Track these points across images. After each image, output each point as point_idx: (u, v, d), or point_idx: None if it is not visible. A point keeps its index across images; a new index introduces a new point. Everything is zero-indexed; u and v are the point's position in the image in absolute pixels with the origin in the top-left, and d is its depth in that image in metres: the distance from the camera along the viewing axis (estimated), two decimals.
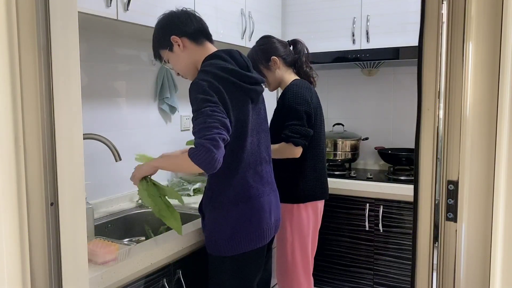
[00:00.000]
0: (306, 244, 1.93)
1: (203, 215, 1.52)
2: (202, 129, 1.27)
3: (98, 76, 1.94)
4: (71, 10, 0.92)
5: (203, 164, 1.26)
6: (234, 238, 1.45)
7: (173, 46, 1.48)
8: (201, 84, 1.33)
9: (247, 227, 1.46)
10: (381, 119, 3.01)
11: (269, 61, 1.96)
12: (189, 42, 1.48)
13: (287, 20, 2.91)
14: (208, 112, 1.28)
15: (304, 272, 1.94)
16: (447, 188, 0.91)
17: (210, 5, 2.13)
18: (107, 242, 1.33)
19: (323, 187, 2.00)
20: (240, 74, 1.43)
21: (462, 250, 0.89)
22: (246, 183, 1.47)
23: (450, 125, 0.90)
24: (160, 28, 1.50)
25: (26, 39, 0.86)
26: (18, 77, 0.85)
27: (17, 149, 0.85)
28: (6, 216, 0.84)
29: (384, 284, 2.51)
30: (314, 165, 1.95)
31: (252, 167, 1.49)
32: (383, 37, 2.62)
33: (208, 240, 1.50)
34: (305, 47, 2.04)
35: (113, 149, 1.63)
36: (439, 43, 0.90)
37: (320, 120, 1.97)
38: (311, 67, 2.05)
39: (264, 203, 1.51)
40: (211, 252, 1.50)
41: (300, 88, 1.89)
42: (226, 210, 1.45)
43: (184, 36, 1.47)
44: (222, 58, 1.44)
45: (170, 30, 1.47)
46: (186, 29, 1.47)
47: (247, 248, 1.47)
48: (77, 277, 0.96)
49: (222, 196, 1.45)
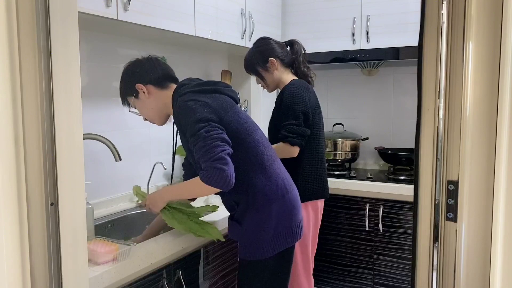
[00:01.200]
0: (307, 243, 1.93)
1: (239, 223, 1.49)
2: (205, 152, 1.32)
3: (98, 76, 1.94)
4: (71, 10, 0.92)
5: (219, 185, 1.31)
6: (277, 235, 1.47)
7: (139, 93, 1.53)
8: (187, 105, 1.40)
9: (287, 222, 1.49)
10: (381, 119, 3.01)
11: (267, 62, 1.96)
12: (153, 88, 1.53)
13: (287, 20, 2.90)
14: (203, 135, 1.34)
15: (304, 272, 1.94)
16: (447, 188, 0.91)
17: (210, 5, 2.13)
18: (107, 242, 1.33)
19: (323, 186, 2.00)
20: (209, 82, 1.51)
21: (462, 250, 0.89)
22: (278, 176, 1.50)
23: (450, 125, 0.90)
24: (125, 77, 1.56)
25: (26, 39, 0.86)
26: (18, 77, 0.85)
27: (17, 149, 0.85)
28: (6, 216, 0.84)
29: (384, 284, 2.51)
30: (313, 164, 1.95)
31: (274, 159, 1.53)
32: (383, 37, 2.62)
33: (249, 246, 1.48)
34: (302, 47, 2.04)
35: (113, 149, 1.63)
36: (439, 43, 0.90)
37: (318, 120, 1.97)
38: (308, 67, 2.05)
39: (296, 197, 1.55)
40: (251, 258, 1.48)
41: (297, 88, 1.89)
42: (268, 209, 1.45)
43: (149, 83, 1.52)
44: (187, 82, 1.51)
45: (135, 78, 1.53)
46: (151, 76, 1.53)
47: (289, 244, 1.50)
48: (77, 277, 0.96)
49: (261, 196, 1.45)
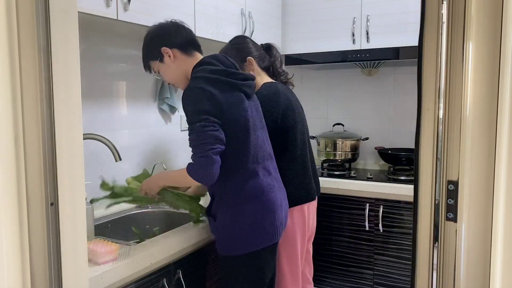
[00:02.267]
0: (294, 250, 1.83)
1: (214, 217, 1.52)
2: (196, 146, 1.37)
3: (98, 76, 1.94)
4: (71, 10, 0.92)
5: (201, 179, 1.38)
6: (250, 235, 1.46)
7: (164, 57, 1.51)
8: (193, 92, 1.40)
9: (262, 222, 1.47)
10: (381, 119, 3.01)
11: (245, 61, 1.90)
12: (179, 53, 1.52)
13: (287, 20, 2.90)
14: (199, 129, 1.36)
15: (291, 279, 1.85)
16: (447, 188, 0.91)
17: (210, 5, 2.13)
18: (107, 242, 1.33)
19: (307, 190, 1.88)
20: (229, 72, 1.48)
21: (462, 250, 0.89)
22: (258, 178, 1.49)
23: (450, 125, 0.90)
24: (150, 40, 1.54)
25: (26, 39, 0.86)
26: (18, 77, 0.85)
27: (17, 149, 0.85)
28: (6, 216, 0.84)
29: (384, 284, 2.51)
30: (293, 169, 1.84)
31: (261, 162, 1.52)
32: (383, 37, 2.62)
33: (222, 240, 1.50)
34: (279, 53, 2.02)
35: (113, 149, 1.63)
36: (439, 43, 0.90)
37: (292, 122, 1.85)
38: (284, 70, 2.01)
39: (276, 198, 1.53)
40: (225, 253, 1.50)
41: (267, 92, 1.81)
42: (240, 207, 1.46)
43: (175, 47, 1.51)
44: (209, 62, 1.49)
45: (160, 41, 1.51)
46: (176, 40, 1.51)
47: (263, 244, 1.48)
48: (77, 277, 0.96)
49: (235, 194, 1.46)
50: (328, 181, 2.56)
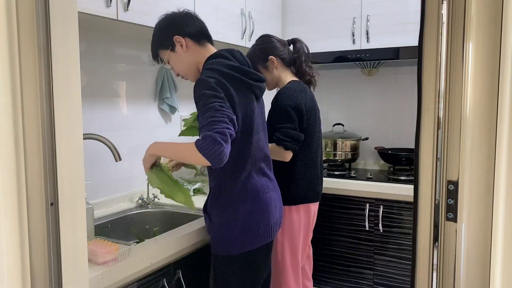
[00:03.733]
0: (296, 246, 1.90)
1: (209, 216, 1.51)
2: (211, 122, 1.24)
3: (98, 76, 1.94)
4: (71, 10, 0.92)
5: (211, 157, 1.22)
6: (244, 235, 1.45)
7: (175, 46, 1.47)
8: (208, 81, 1.33)
9: (256, 223, 1.47)
10: (381, 119, 3.01)
11: (267, 60, 1.94)
12: (191, 43, 1.48)
13: (287, 20, 2.91)
14: (216, 107, 1.27)
15: (293, 274, 1.91)
16: (447, 188, 0.91)
17: (210, 5, 2.13)
18: (107, 242, 1.33)
19: (315, 189, 1.95)
20: (244, 70, 1.45)
21: (462, 250, 0.89)
22: (253, 179, 1.48)
23: (450, 125, 0.90)
24: (162, 28, 1.50)
25: (26, 39, 0.86)
26: (18, 77, 0.85)
27: (17, 149, 0.85)
28: (6, 216, 0.84)
29: (384, 284, 2.51)
30: (305, 169, 1.91)
31: (258, 163, 1.51)
32: (383, 37, 2.62)
33: (216, 240, 1.49)
34: (304, 46, 2.02)
35: (113, 149, 1.63)
36: (439, 43, 0.90)
37: (313, 123, 1.93)
38: (311, 66, 2.03)
39: (270, 199, 1.52)
40: (218, 253, 1.49)
41: (293, 90, 1.86)
42: (235, 208, 1.45)
43: (187, 36, 1.47)
44: (225, 56, 1.45)
45: (173, 30, 1.47)
46: (189, 29, 1.47)
47: (256, 245, 1.48)
48: (77, 277, 0.96)
49: (230, 194, 1.45)
50: (328, 181, 2.56)
